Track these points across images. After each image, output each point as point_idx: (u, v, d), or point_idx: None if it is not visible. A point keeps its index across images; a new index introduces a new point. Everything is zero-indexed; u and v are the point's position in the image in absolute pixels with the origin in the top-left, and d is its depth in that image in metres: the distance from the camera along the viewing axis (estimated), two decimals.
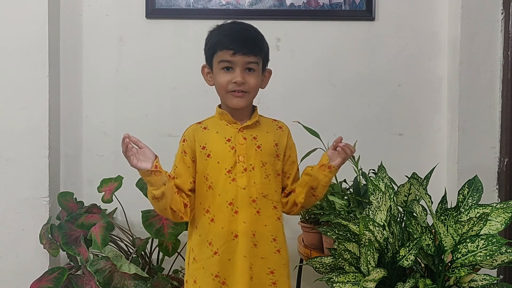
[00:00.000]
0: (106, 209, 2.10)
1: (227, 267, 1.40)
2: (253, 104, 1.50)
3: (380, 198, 1.54)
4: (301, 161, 1.61)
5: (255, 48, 1.41)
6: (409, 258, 1.40)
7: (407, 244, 1.43)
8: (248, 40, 1.41)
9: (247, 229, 1.40)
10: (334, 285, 1.49)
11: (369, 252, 1.44)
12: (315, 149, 1.84)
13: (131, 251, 1.97)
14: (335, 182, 1.86)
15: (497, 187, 2.15)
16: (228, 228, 1.40)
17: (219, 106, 1.50)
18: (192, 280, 1.45)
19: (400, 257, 1.43)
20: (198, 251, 1.44)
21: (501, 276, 2.13)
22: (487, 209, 1.47)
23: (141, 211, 1.89)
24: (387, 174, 1.65)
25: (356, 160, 1.81)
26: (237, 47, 1.38)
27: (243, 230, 1.40)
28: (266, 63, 1.49)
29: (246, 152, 1.43)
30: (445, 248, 1.41)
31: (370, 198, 1.57)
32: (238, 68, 1.39)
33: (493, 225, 1.45)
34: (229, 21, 1.49)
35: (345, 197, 1.79)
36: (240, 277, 1.39)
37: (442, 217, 1.45)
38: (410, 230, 1.47)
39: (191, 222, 1.49)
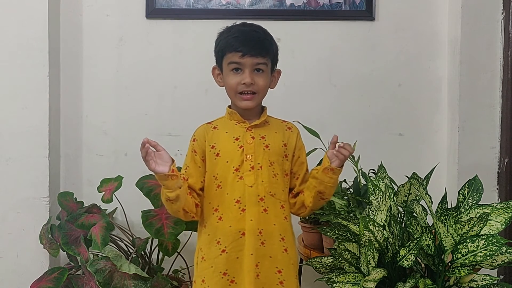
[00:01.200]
0: (106, 209, 2.10)
1: (235, 266, 1.41)
2: (262, 105, 1.52)
3: (380, 198, 1.54)
4: None
5: (263, 49, 1.43)
6: (409, 258, 1.40)
7: (407, 244, 1.43)
8: (256, 42, 1.42)
9: (253, 227, 1.41)
10: (334, 285, 1.49)
11: (369, 252, 1.44)
12: (315, 149, 1.84)
13: (131, 251, 1.97)
14: None
15: (497, 187, 2.15)
16: (236, 226, 1.41)
17: (229, 106, 1.51)
18: (200, 279, 1.45)
19: (400, 257, 1.43)
20: (207, 250, 1.45)
21: (501, 276, 2.13)
22: (487, 209, 1.47)
23: (141, 211, 1.89)
24: (387, 174, 1.65)
25: (356, 160, 1.81)
26: (246, 49, 1.40)
27: (249, 228, 1.41)
28: (275, 64, 1.51)
29: (254, 151, 1.44)
30: (445, 248, 1.41)
31: (370, 198, 1.57)
32: (247, 69, 1.41)
33: (493, 225, 1.45)
34: (238, 22, 1.50)
35: (345, 197, 1.79)
36: (246, 275, 1.40)
37: (442, 217, 1.45)
38: (410, 230, 1.47)
39: (200, 222, 1.50)
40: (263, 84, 1.44)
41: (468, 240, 1.39)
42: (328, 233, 1.61)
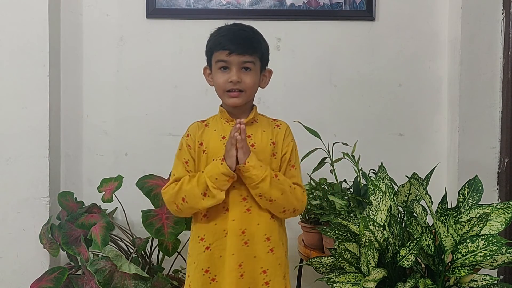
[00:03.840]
0: (106, 209, 2.10)
1: (217, 264, 1.42)
2: (253, 103, 1.52)
3: (380, 198, 1.53)
4: (301, 161, 1.61)
5: (250, 48, 1.43)
6: (409, 258, 1.40)
7: (407, 244, 1.43)
8: (243, 40, 1.43)
9: (235, 227, 1.41)
10: (334, 285, 1.49)
11: (369, 252, 1.44)
12: (315, 149, 1.84)
13: (131, 251, 1.97)
14: (335, 182, 1.86)
15: (497, 187, 2.15)
16: (220, 225, 1.43)
17: (221, 105, 1.52)
18: (187, 274, 1.49)
19: (400, 257, 1.43)
20: (192, 246, 1.48)
21: (501, 277, 2.13)
22: (487, 209, 1.47)
23: (141, 211, 1.89)
24: (387, 174, 1.65)
25: (356, 160, 1.81)
26: (233, 47, 1.41)
27: (231, 228, 1.42)
28: (266, 63, 1.51)
29: None
30: (445, 248, 1.41)
31: (370, 198, 1.57)
32: (234, 67, 1.42)
33: (493, 225, 1.45)
34: (230, 23, 1.51)
35: (345, 197, 1.79)
36: (228, 274, 1.41)
37: (442, 217, 1.45)
38: (410, 230, 1.47)
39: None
40: (250, 83, 1.43)
41: (468, 240, 1.39)
42: (328, 233, 1.61)
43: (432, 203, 1.53)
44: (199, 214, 1.45)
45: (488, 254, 1.36)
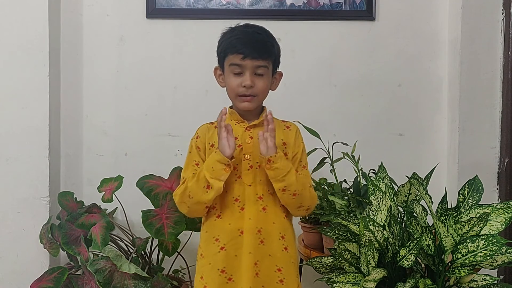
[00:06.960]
0: (106, 209, 2.10)
1: (233, 263, 1.42)
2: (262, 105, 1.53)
3: (380, 198, 1.53)
4: None
5: (264, 52, 1.43)
6: (409, 258, 1.40)
7: (407, 244, 1.43)
8: (258, 45, 1.43)
9: (252, 225, 1.42)
10: (334, 285, 1.49)
11: (369, 252, 1.44)
12: (315, 149, 1.84)
13: (131, 250, 1.97)
14: (335, 182, 1.86)
15: (498, 187, 2.15)
16: (235, 224, 1.43)
17: (231, 106, 1.53)
18: (199, 276, 1.47)
19: (400, 257, 1.43)
20: (205, 247, 1.46)
21: (501, 277, 2.13)
22: (488, 209, 1.47)
23: (141, 211, 1.89)
24: (387, 174, 1.65)
25: (356, 160, 1.81)
26: (247, 51, 1.40)
27: (248, 226, 1.42)
28: (277, 66, 1.51)
29: (252, 151, 1.45)
30: (445, 248, 1.41)
31: (370, 198, 1.57)
32: (247, 71, 1.42)
33: (493, 225, 1.45)
34: (242, 23, 1.51)
35: (345, 197, 1.79)
36: (244, 273, 1.41)
37: (442, 217, 1.45)
38: (410, 230, 1.47)
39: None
40: (263, 87, 1.44)
41: (468, 240, 1.39)
42: (328, 233, 1.61)
43: (432, 203, 1.53)
44: (213, 214, 1.45)
45: (488, 254, 1.36)
